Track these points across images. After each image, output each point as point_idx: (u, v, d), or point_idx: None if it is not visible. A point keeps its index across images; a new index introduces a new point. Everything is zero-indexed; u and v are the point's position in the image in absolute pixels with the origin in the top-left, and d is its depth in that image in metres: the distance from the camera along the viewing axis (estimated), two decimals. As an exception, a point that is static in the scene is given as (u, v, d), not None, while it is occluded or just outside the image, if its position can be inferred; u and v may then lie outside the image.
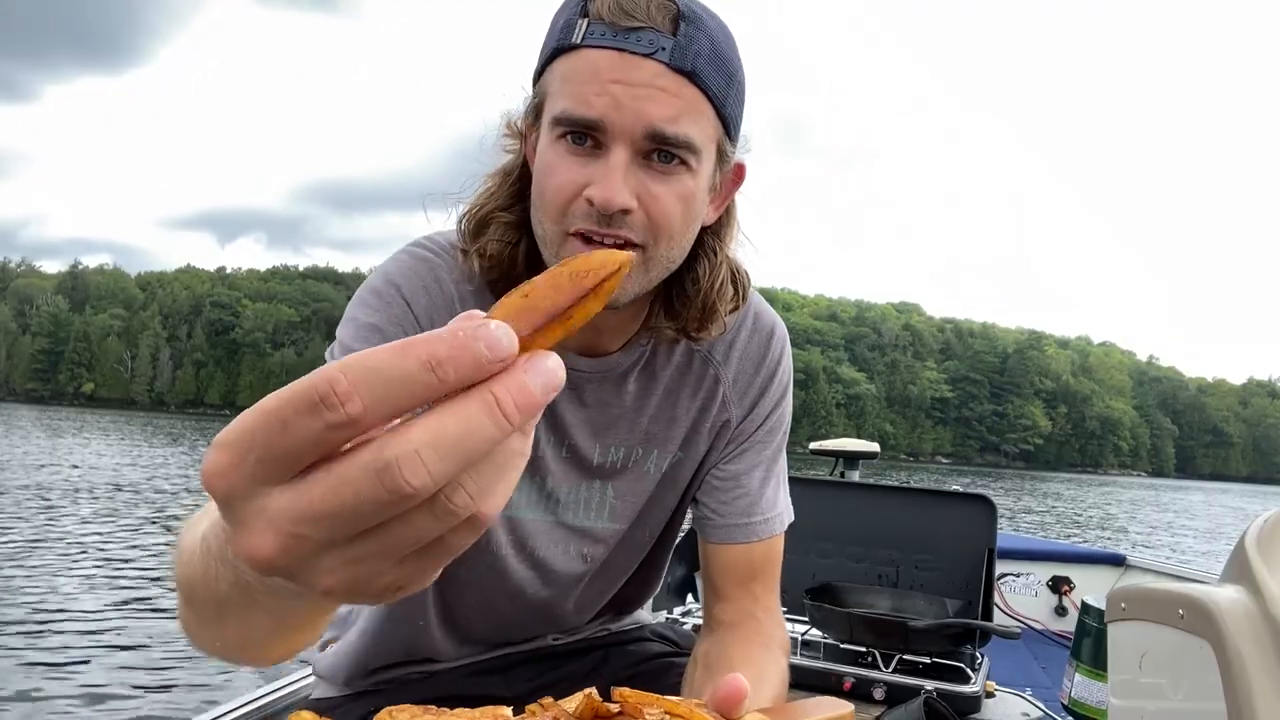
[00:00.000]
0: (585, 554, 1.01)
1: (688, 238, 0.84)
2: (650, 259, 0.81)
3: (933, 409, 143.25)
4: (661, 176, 0.79)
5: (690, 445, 1.00)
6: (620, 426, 0.97)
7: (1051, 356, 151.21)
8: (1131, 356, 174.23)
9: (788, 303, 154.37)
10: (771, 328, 1.03)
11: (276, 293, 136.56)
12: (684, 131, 0.77)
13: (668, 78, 0.75)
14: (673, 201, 0.79)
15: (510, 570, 0.99)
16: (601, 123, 0.76)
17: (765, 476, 1.03)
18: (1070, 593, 3.02)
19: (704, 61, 0.77)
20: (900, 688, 1.64)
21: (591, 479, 0.98)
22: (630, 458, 0.99)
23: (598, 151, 0.78)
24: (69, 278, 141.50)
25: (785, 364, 1.03)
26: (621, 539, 1.02)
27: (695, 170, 0.80)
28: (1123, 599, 1.00)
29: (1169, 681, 0.91)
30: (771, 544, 1.03)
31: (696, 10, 0.77)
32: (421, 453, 0.29)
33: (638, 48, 0.75)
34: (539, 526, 0.98)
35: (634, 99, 0.75)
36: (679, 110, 0.76)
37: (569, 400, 0.95)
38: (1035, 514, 22.07)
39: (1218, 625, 0.79)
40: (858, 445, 2.84)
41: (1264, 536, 0.84)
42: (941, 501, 2.09)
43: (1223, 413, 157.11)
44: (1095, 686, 1.78)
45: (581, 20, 0.77)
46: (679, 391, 0.99)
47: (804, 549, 2.14)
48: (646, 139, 0.77)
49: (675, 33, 0.76)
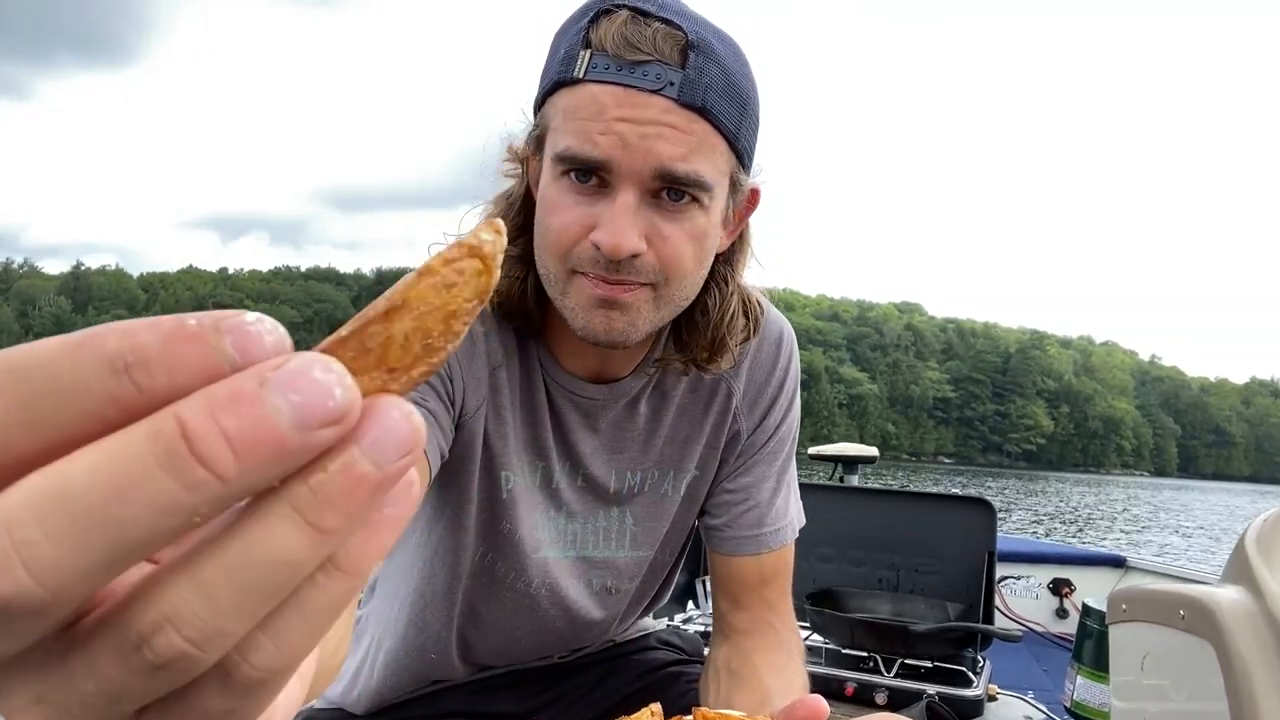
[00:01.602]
0: (610, 586, 0.98)
1: (701, 274, 0.81)
2: (661, 298, 0.78)
3: (935, 409, 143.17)
4: (672, 215, 0.75)
5: (705, 463, 0.97)
6: (634, 450, 0.94)
7: (1054, 356, 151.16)
8: (1134, 356, 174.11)
9: (790, 302, 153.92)
10: (780, 332, 0.99)
11: (279, 293, 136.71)
12: (695, 170, 0.73)
13: (677, 114, 0.71)
14: (683, 241, 0.75)
15: (540, 609, 0.96)
16: (608, 163, 0.72)
17: (776, 487, 0.99)
18: (1071, 595, 3.01)
19: (715, 95, 0.72)
20: (902, 692, 1.64)
21: (610, 506, 0.95)
22: (646, 481, 0.95)
23: (603, 190, 0.74)
24: (71, 278, 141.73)
25: (794, 370, 1.00)
26: (643, 567, 1.00)
27: (707, 207, 0.76)
28: (1124, 600, 1.00)
29: (1171, 682, 0.91)
30: (783, 552, 0.99)
31: (707, 38, 0.72)
32: (186, 609, 0.19)
33: (644, 83, 0.70)
34: (563, 565, 0.95)
35: (642, 138, 0.71)
36: (690, 148, 0.72)
37: (582, 428, 0.91)
38: (1054, 517, 22.07)
39: (1219, 625, 0.79)
40: (857, 450, 2.84)
41: (1263, 536, 0.84)
42: (941, 505, 2.08)
43: (1225, 412, 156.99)
44: (1097, 688, 1.78)
45: (584, 51, 0.72)
46: (692, 410, 0.95)
47: (804, 554, 2.11)
48: (656, 179, 0.73)
49: (684, 65, 0.71)
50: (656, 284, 0.76)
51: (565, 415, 0.90)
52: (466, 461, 0.87)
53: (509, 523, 0.90)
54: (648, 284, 0.76)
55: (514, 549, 0.91)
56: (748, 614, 0.98)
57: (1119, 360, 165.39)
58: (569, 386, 0.89)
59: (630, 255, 0.73)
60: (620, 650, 1.14)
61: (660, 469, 0.95)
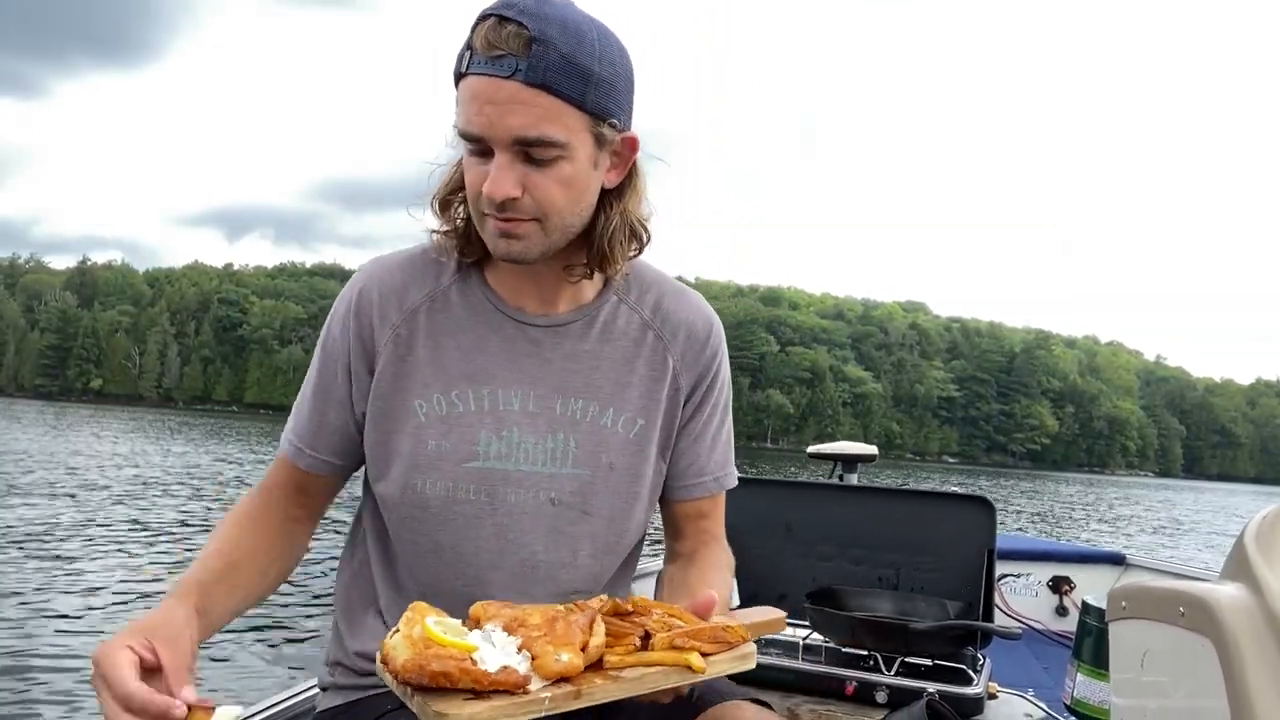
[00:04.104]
0: (553, 498, 1.10)
1: (581, 206, 1.03)
2: (546, 228, 1.01)
3: (939, 408, 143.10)
4: (540, 167, 0.97)
5: (649, 413, 1.14)
6: (578, 381, 1.12)
7: (1058, 356, 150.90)
8: (1139, 356, 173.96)
9: (794, 301, 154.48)
10: (710, 319, 1.21)
11: (284, 290, 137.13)
12: (544, 132, 0.95)
13: (526, 92, 0.93)
14: (552, 186, 0.98)
15: (482, 518, 1.07)
16: (483, 136, 0.96)
17: (712, 444, 1.21)
18: (1071, 592, 3.01)
19: (554, 73, 0.94)
20: (902, 690, 1.64)
21: (556, 431, 1.10)
22: (588, 411, 1.12)
23: (487, 156, 0.97)
24: (77, 274, 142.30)
25: (722, 350, 1.22)
26: (586, 484, 1.11)
27: (570, 158, 0.98)
28: (1123, 598, 1.00)
29: (1171, 680, 0.91)
30: (719, 496, 1.24)
31: (548, 31, 0.93)
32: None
33: (499, 71, 0.93)
34: (508, 476, 1.08)
35: (500, 115, 0.94)
36: (537, 117, 0.94)
37: (530, 355, 1.11)
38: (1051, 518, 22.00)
39: (1218, 622, 0.79)
40: (856, 448, 2.83)
41: (1264, 533, 0.84)
42: (941, 503, 2.08)
43: (1230, 413, 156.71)
44: (1097, 686, 1.78)
45: (467, 52, 0.96)
46: (634, 361, 1.15)
47: (804, 553, 2.13)
48: (516, 144, 0.95)
49: (528, 55, 0.93)
50: (539, 219, 1.00)
51: (514, 344, 1.11)
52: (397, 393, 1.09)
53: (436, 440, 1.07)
54: (533, 219, 1.00)
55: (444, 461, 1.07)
56: (688, 542, 1.22)
57: (1124, 360, 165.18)
58: (516, 317, 1.11)
59: (509, 199, 0.97)
60: None
61: (601, 403, 1.12)
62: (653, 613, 0.82)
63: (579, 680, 0.74)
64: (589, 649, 0.75)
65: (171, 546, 8.42)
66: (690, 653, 0.77)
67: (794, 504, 2.18)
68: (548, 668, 0.72)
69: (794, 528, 2.15)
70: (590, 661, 0.75)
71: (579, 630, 0.76)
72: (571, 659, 0.73)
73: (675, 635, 0.78)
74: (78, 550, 7.82)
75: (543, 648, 0.74)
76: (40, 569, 6.91)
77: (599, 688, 0.74)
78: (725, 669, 0.80)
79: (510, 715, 0.70)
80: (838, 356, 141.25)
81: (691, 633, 0.79)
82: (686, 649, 0.77)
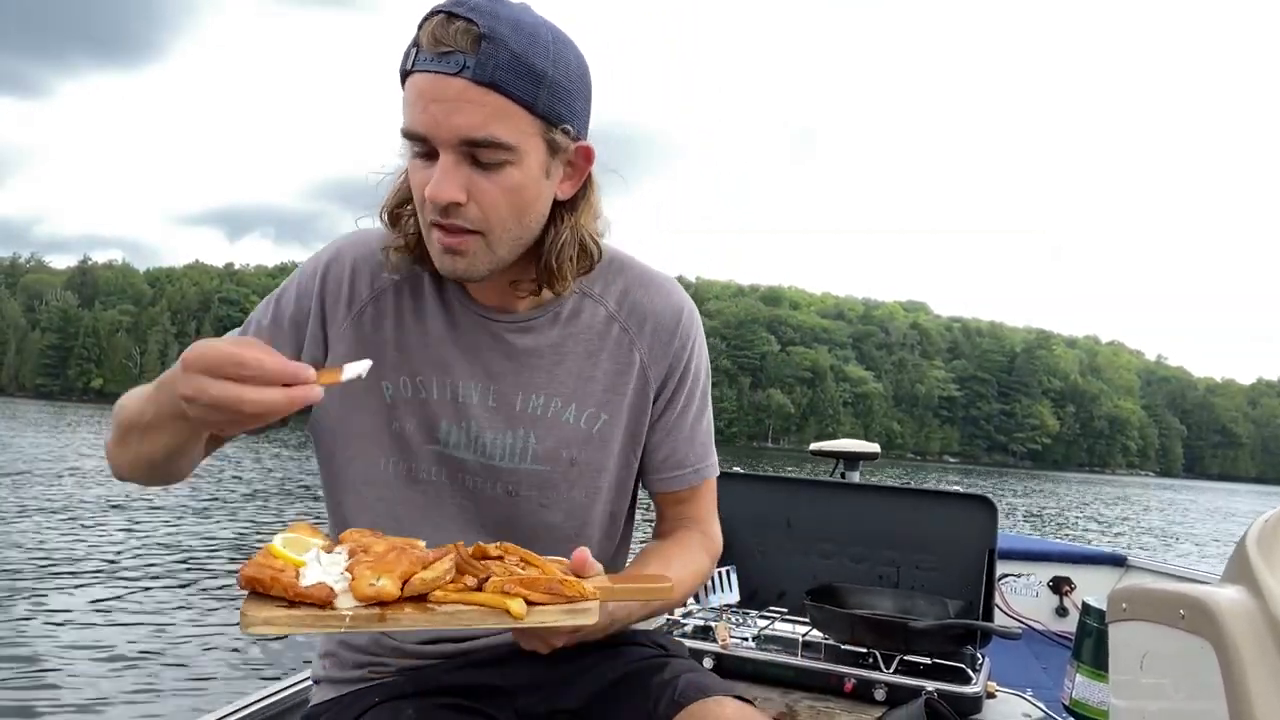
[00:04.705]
0: (510, 490, 1.10)
1: (530, 217, 0.99)
2: (492, 242, 0.97)
3: (940, 408, 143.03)
4: (486, 172, 0.93)
5: (613, 408, 1.13)
6: (540, 376, 1.10)
7: (1059, 356, 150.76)
8: (1140, 356, 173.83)
9: (794, 300, 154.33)
10: (682, 307, 1.18)
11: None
12: (491, 133, 0.91)
13: (473, 90, 0.89)
14: (498, 194, 0.94)
15: (442, 498, 1.09)
16: (427, 135, 0.92)
17: (691, 434, 1.19)
18: (1071, 593, 3.01)
19: (504, 72, 0.90)
20: (901, 688, 1.64)
21: (516, 426, 1.09)
22: (550, 408, 1.10)
23: (432, 157, 0.93)
24: (78, 274, 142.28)
25: (694, 338, 1.18)
26: (545, 479, 1.11)
27: (519, 164, 0.94)
28: (1123, 599, 1.00)
29: (1170, 682, 0.90)
30: (702, 485, 1.21)
31: (499, 29, 0.89)
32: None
33: (447, 68, 0.89)
34: (465, 464, 1.09)
35: (447, 113, 0.90)
36: (485, 117, 0.90)
37: (493, 350, 1.09)
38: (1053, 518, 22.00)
39: (1219, 625, 0.78)
40: (858, 446, 2.83)
41: (1265, 536, 0.83)
42: (942, 502, 2.07)
43: (1231, 413, 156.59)
44: (1096, 687, 1.78)
45: (413, 49, 0.92)
46: (597, 355, 1.12)
47: (804, 550, 2.13)
48: (463, 144, 0.91)
49: (477, 51, 0.89)
50: (483, 231, 0.96)
51: (476, 337, 1.09)
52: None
53: (400, 422, 1.07)
54: (476, 232, 0.95)
55: (409, 441, 1.08)
56: (667, 525, 1.22)
57: (1125, 360, 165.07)
58: (479, 312, 1.09)
59: (452, 203, 0.93)
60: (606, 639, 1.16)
61: (564, 398, 1.10)
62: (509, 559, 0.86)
63: (390, 607, 0.77)
64: (413, 581, 0.78)
65: (172, 546, 8.42)
66: (514, 599, 0.80)
67: (795, 501, 2.18)
68: (361, 590, 0.76)
69: (795, 525, 2.15)
70: (414, 593, 0.78)
71: (412, 563, 0.80)
72: (386, 585, 0.77)
73: (508, 581, 0.81)
74: (78, 550, 7.83)
75: (361, 572, 0.78)
76: (39, 569, 6.91)
77: (406, 615, 0.78)
78: (550, 620, 0.82)
79: (309, 626, 0.75)
80: (839, 356, 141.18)
81: (525, 580, 0.82)
82: (512, 594, 0.80)
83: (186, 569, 7.34)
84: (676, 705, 1.01)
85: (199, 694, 4.41)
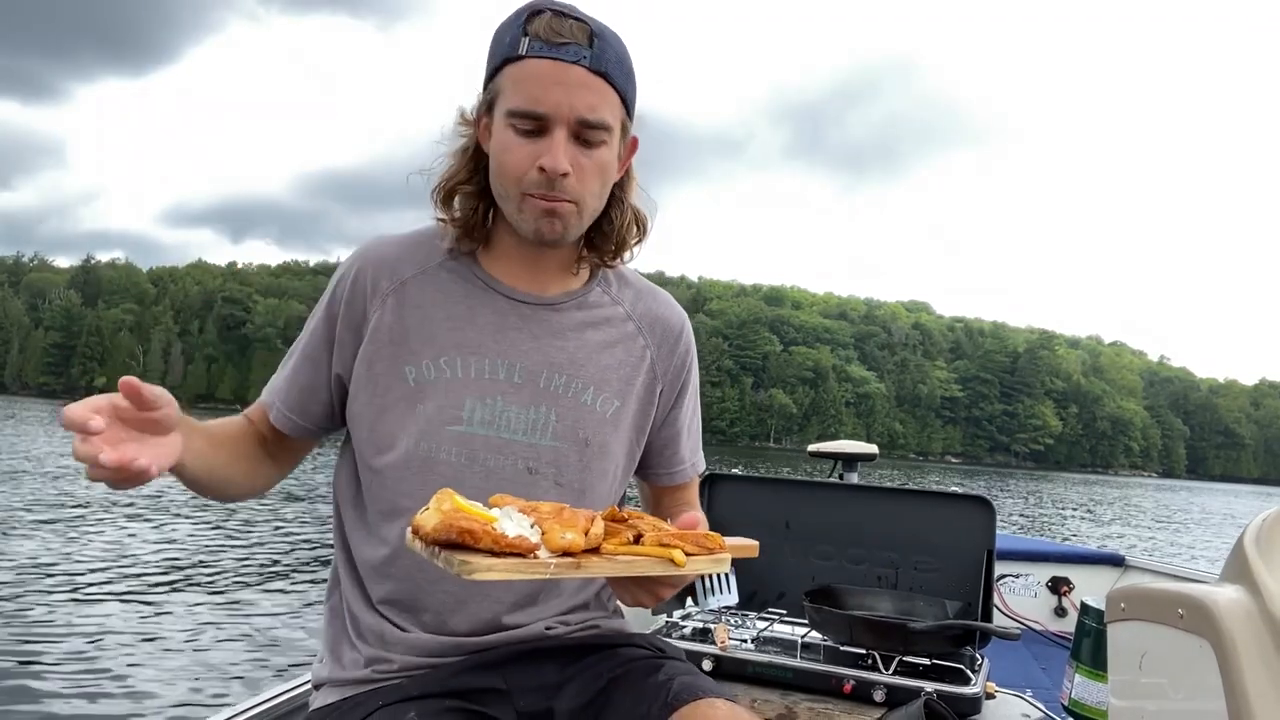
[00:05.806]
0: (530, 467, 1.14)
1: (604, 195, 1.12)
2: (583, 210, 1.09)
3: (942, 409, 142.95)
4: (586, 150, 1.06)
5: (625, 396, 1.20)
6: (563, 358, 1.17)
7: (1062, 356, 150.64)
8: (1143, 357, 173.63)
9: (797, 301, 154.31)
10: (683, 318, 1.30)
11: (288, 288, 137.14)
12: (602, 116, 1.05)
13: (589, 78, 1.03)
14: (594, 170, 1.07)
15: (460, 480, 1.09)
16: (547, 114, 1.03)
17: (689, 433, 1.32)
18: (1070, 593, 3.00)
19: (612, 65, 1.05)
20: (900, 689, 1.63)
21: (539, 403, 1.15)
22: (571, 388, 1.16)
23: (541, 135, 1.04)
24: (81, 272, 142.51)
25: (693, 346, 1.30)
26: (562, 456, 1.15)
27: (609, 144, 1.08)
28: (1122, 599, 0.99)
29: (1169, 681, 0.90)
30: (694, 479, 1.35)
31: (604, 29, 1.06)
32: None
33: (567, 57, 1.02)
34: (489, 442, 1.12)
35: (568, 95, 1.02)
36: (599, 101, 1.04)
37: (520, 330, 1.15)
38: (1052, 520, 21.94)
39: (1217, 624, 0.78)
40: (856, 447, 2.82)
41: (1263, 536, 0.83)
42: (941, 503, 2.07)
43: (1234, 414, 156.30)
44: (1095, 687, 1.77)
45: (524, 38, 1.03)
46: (614, 346, 1.21)
47: (803, 551, 2.12)
48: (577, 124, 1.04)
49: (592, 46, 1.04)
50: (578, 201, 1.07)
51: (504, 318, 1.15)
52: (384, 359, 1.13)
53: (422, 404, 1.11)
54: (572, 201, 1.06)
55: (429, 423, 1.11)
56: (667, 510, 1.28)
57: (1128, 361, 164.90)
58: (506, 294, 1.16)
59: (563, 175, 1.04)
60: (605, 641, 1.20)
61: (583, 381, 1.17)
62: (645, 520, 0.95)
63: (580, 556, 0.85)
64: (590, 534, 0.87)
65: (171, 546, 8.43)
66: (675, 549, 0.90)
67: (794, 502, 2.17)
68: (554, 542, 0.83)
69: (793, 526, 2.15)
70: (591, 545, 0.87)
71: (583, 518, 0.88)
72: (575, 538, 0.85)
73: (663, 535, 0.91)
74: (77, 549, 7.84)
75: (551, 525, 0.85)
76: (39, 569, 6.92)
77: (595, 563, 0.87)
78: (703, 568, 0.93)
79: (520, 573, 0.81)
80: (841, 356, 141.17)
81: (678, 534, 0.92)
82: (672, 546, 0.90)
83: (186, 569, 7.34)
84: (670, 707, 1.02)
85: (199, 694, 4.41)
